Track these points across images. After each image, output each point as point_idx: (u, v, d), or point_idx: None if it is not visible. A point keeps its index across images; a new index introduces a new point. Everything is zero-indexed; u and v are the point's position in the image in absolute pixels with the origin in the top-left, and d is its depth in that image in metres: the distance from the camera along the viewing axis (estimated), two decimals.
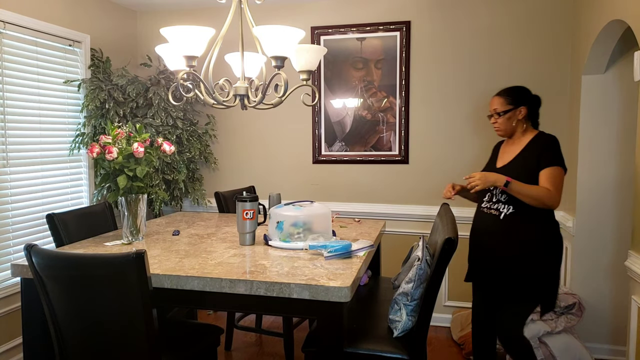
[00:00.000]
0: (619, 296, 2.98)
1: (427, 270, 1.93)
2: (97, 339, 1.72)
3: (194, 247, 2.22)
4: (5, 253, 2.84)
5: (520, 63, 3.32)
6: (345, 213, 3.65)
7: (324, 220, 2.26)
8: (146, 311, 1.64)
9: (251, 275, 1.76)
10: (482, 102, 3.40)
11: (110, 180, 2.29)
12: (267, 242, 2.27)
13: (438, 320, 3.54)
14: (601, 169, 2.96)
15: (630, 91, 2.88)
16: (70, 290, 1.69)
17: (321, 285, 1.65)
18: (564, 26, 3.24)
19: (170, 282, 1.78)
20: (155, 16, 3.98)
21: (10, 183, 2.86)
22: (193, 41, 1.91)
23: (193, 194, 3.72)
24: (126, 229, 2.33)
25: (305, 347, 1.96)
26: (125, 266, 1.60)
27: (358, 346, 1.88)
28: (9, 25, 2.81)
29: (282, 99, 2.16)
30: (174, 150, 2.43)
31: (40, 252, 1.70)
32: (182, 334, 2.04)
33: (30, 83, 2.99)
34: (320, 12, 3.64)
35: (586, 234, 3.01)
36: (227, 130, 3.92)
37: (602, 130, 2.94)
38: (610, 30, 2.56)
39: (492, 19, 3.35)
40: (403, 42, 3.48)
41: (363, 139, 3.62)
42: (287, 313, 1.80)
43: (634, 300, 2.17)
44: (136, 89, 3.41)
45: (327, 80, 3.66)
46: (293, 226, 2.20)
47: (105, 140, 2.24)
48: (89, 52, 3.44)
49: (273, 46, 1.92)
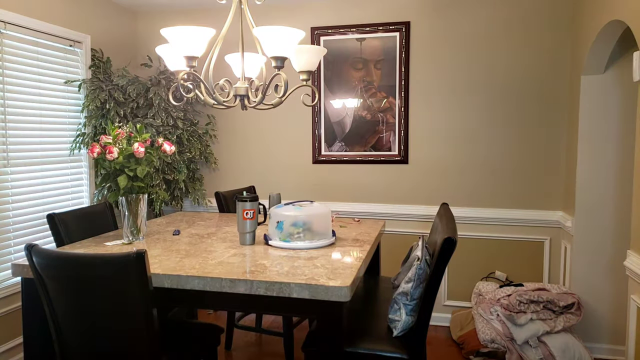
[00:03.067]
0: (618, 296, 2.99)
1: (427, 269, 1.94)
2: (97, 339, 1.72)
3: (194, 247, 2.22)
4: (5, 253, 2.84)
5: (519, 63, 3.33)
6: (345, 213, 3.66)
7: (323, 220, 2.27)
8: (146, 311, 1.65)
9: (251, 274, 1.77)
10: (481, 102, 3.40)
11: (111, 180, 2.29)
12: (267, 241, 2.27)
13: (437, 319, 3.54)
14: (600, 169, 2.97)
15: (629, 91, 2.89)
16: (70, 290, 1.69)
17: (321, 285, 1.65)
18: (563, 26, 3.24)
19: (170, 282, 1.79)
20: (155, 16, 3.99)
21: (11, 183, 2.87)
22: (193, 41, 1.92)
23: (193, 194, 3.73)
24: (127, 229, 2.34)
25: (305, 346, 1.96)
26: (126, 266, 1.61)
27: (358, 345, 1.88)
28: (10, 25, 2.81)
29: (282, 99, 2.16)
30: (174, 150, 2.44)
31: (40, 251, 1.70)
32: (182, 334, 2.05)
33: (30, 83, 3.00)
34: (320, 12, 3.65)
35: (585, 234, 3.01)
36: (227, 131, 3.93)
37: (601, 130, 2.95)
38: (610, 30, 2.57)
39: (491, 20, 3.35)
40: (403, 43, 3.49)
41: (363, 139, 3.63)
42: (287, 312, 1.81)
43: (633, 300, 2.18)
44: (137, 89, 3.42)
45: (327, 81, 3.66)
46: (293, 226, 2.20)
47: (105, 140, 2.24)
48: (90, 52, 3.44)
49: (273, 47, 1.93)
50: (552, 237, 3.34)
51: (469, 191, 3.46)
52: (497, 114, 3.39)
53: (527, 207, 3.38)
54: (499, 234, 3.41)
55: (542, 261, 3.37)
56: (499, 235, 3.40)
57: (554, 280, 3.35)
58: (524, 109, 3.34)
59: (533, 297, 2.82)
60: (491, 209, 3.43)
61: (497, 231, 3.41)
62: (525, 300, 2.82)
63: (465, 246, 3.49)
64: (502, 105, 3.38)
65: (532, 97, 3.32)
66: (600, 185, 2.97)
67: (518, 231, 3.39)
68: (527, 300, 2.82)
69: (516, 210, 3.38)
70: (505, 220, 3.40)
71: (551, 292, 2.90)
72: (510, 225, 3.40)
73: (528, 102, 3.33)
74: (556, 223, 3.31)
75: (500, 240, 3.40)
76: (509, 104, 3.37)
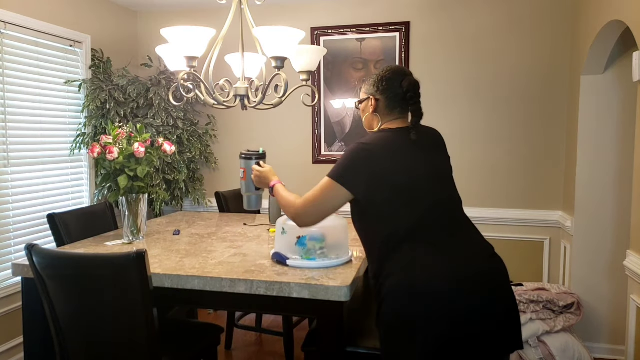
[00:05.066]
0: (618, 296, 2.99)
1: None
2: (97, 339, 1.72)
3: (195, 247, 2.22)
4: (6, 253, 2.84)
5: (519, 63, 3.33)
6: (345, 213, 3.65)
7: (343, 231, 1.96)
8: (147, 310, 1.65)
9: (251, 274, 1.77)
10: (481, 102, 3.40)
11: (111, 180, 2.29)
12: (284, 261, 1.88)
13: None
14: (600, 169, 2.97)
15: (629, 91, 2.89)
16: (71, 289, 1.69)
17: (321, 285, 1.65)
18: (563, 27, 3.24)
19: (170, 282, 1.79)
20: (155, 16, 3.99)
21: (12, 183, 2.87)
22: (193, 42, 1.92)
23: (193, 194, 3.73)
24: (127, 229, 2.34)
25: (305, 346, 1.97)
26: (126, 266, 1.61)
27: (358, 345, 1.88)
28: (10, 25, 2.81)
29: (282, 99, 2.16)
30: (174, 150, 2.44)
31: (41, 251, 1.70)
32: (182, 333, 2.05)
33: (31, 83, 3.00)
34: (320, 12, 3.65)
35: (585, 234, 3.01)
36: (227, 131, 3.93)
37: (601, 130, 2.95)
38: (609, 30, 2.57)
39: (491, 20, 3.35)
40: (402, 43, 3.49)
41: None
42: (287, 312, 1.81)
43: (633, 300, 2.18)
44: (137, 90, 3.42)
45: (327, 81, 3.66)
46: (313, 240, 1.87)
47: (106, 140, 2.25)
48: (90, 52, 3.45)
49: (273, 47, 1.93)
50: (552, 237, 3.34)
51: (468, 191, 3.46)
52: (497, 114, 3.39)
53: (526, 207, 3.38)
54: (498, 234, 3.41)
55: (541, 261, 3.37)
56: (498, 235, 3.40)
57: (553, 280, 3.35)
58: (524, 109, 3.34)
59: (533, 297, 2.82)
60: (491, 208, 3.43)
61: (497, 231, 3.41)
62: (525, 300, 2.82)
63: None
64: (502, 105, 3.38)
65: (532, 97, 3.32)
66: (600, 185, 2.97)
67: (518, 231, 3.39)
68: (527, 300, 2.82)
69: (516, 210, 3.39)
70: (505, 220, 3.40)
71: (551, 292, 2.90)
72: (509, 225, 3.40)
73: (528, 102, 3.33)
74: (556, 223, 3.31)
75: (500, 240, 3.40)
76: (508, 103, 3.37)
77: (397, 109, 1.66)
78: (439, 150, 1.68)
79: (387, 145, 1.56)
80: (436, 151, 1.66)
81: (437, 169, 1.61)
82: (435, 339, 1.38)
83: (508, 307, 1.48)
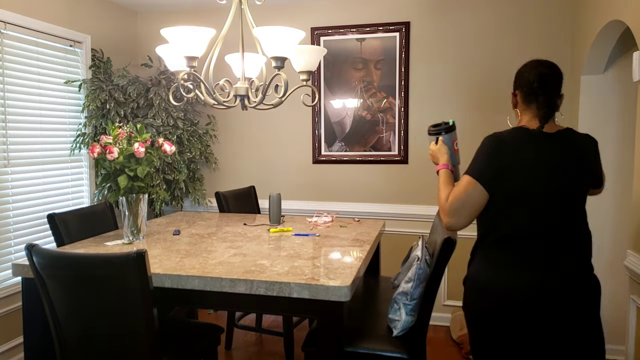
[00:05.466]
0: (618, 296, 2.98)
1: (427, 269, 1.94)
2: (97, 339, 1.72)
3: (195, 247, 2.22)
4: (6, 253, 2.84)
5: (519, 63, 3.28)
6: (345, 213, 3.66)
7: None
8: (147, 310, 1.65)
9: (251, 274, 1.77)
10: (480, 102, 3.40)
11: (111, 180, 2.30)
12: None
13: (437, 319, 3.54)
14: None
15: (629, 91, 2.89)
16: (71, 289, 1.69)
17: (321, 285, 1.66)
18: (563, 27, 3.24)
19: (170, 282, 1.79)
20: (155, 16, 3.99)
21: (12, 183, 2.87)
22: (193, 42, 1.92)
23: (194, 194, 3.73)
24: (127, 229, 2.34)
25: (305, 346, 1.97)
26: (126, 266, 1.61)
27: (358, 345, 1.88)
28: (10, 25, 2.81)
29: (282, 99, 2.17)
30: (174, 150, 2.44)
31: (41, 251, 1.70)
32: (182, 333, 2.05)
33: (31, 83, 3.00)
34: (320, 12, 3.65)
35: None
36: (227, 131, 3.93)
37: (601, 130, 2.95)
38: (609, 30, 2.57)
39: (491, 20, 3.35)
40: (402, 43, 3.49)
41: (363, 139, 3.63)
42: (287, 312, 1.81)
43: (633, 300, 2.18)
44: (137, 90, 3.42)
45: (327, 81, 3.67)
46: None
47: (106, 140, 2.25)
48: (90, 52, 3.45)
49: (273, 47, 1.93)
50: None
51: None
52: (497, 113, 3.39)
53: None
54: None
55: None
56: None
57: None
58: None
59: None
60: None
61: None
62: None
63: (465, 246, 3.48)
64: (502, 105, 3.38)
65: None
66: None
67: None
68: None
69: None
70: None
71: None
72: None
73: None
74: None
75: None
76: (509, 104, 3.37)
77: (533, 103, 1.60)
78: (579, 160, 1.58)
79: (512, 144, 1.52)
80: (569, 161, 1.56)
81: (558, 183, 1.55)
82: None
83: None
